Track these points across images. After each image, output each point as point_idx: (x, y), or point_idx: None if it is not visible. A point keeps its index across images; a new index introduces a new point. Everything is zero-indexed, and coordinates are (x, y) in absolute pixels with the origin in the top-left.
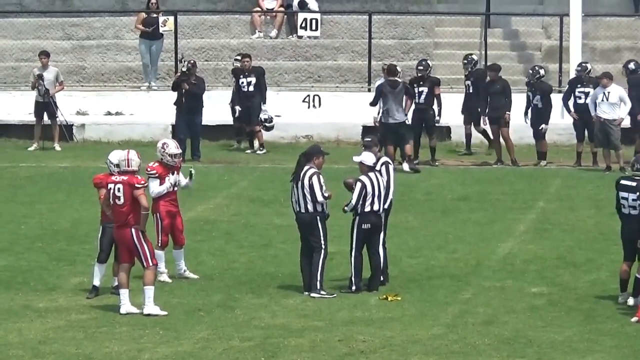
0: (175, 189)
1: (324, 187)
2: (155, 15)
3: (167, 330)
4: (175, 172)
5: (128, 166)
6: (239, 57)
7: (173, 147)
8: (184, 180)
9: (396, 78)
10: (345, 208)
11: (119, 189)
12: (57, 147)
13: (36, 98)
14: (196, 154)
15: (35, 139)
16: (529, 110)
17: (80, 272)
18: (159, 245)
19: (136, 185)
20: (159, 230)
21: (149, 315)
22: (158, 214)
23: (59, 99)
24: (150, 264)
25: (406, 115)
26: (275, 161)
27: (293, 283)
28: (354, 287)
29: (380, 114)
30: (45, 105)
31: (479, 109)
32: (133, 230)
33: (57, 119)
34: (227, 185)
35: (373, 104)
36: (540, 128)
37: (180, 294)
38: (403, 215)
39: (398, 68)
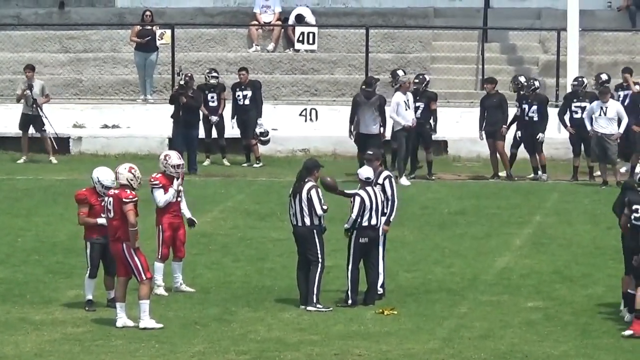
0: (179, 199)
1: (322, 200)
2: (149, 27)
3: (163, 344)
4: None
5: (116, 179)
6: (214, 74)
7: (175, 158)
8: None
9: (371, 89)
10: (346, 226)
11: (110, 202)
12: (54, 160)
13: (23, 110)
14: (193, 168)
15: (23, 151)
16: (517, 123)
17: (77, 285)
18: (159, 257)
19: (124, 199)
20: (160, 242)
21: (144, 328)
22: (161, 226)
23: (55, 112)
24: (144, 277)
25: (380, 128)
26: (272, 175)
27: (289, 297)
28: (349, 301)
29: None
30: (33, 117)
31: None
32: (124, 245)
33: (47, 132)
34: (223, 198)
35: (351, 118)
36: (537, 137)
37: (176, 307)
38: (400, 229)
39: (400, 80)
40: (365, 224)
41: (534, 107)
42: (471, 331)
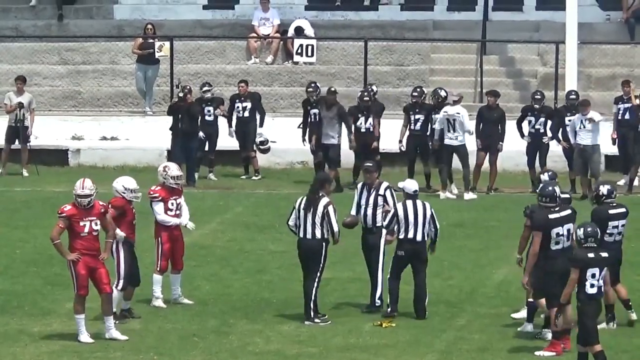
0: (178, 212)
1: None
2: (151, 40)
3: (162, 356)
4: (178, 196)
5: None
6: (206, 87)
7: (174, 169)
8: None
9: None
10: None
11: None
12: (25, 173)
13: (9, 122)
14: (191, 179)
15: (2, 163)
16: (526, 136)
17: None
18: (158, 269)
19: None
20: (159, 255)
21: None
22: (160, 239)
23: (53, 124)
24: (75, 291)
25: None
26: (271, 187)
27: (288, 309)
28: (389, 310)
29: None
30: (19, 130)
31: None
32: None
33: (28, 145)
34: (222, 210)
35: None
36: (543, 140)
37: (174, 319)
38: None
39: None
40: (402, 236)
41: (541, 120)
42: (469, 343)
